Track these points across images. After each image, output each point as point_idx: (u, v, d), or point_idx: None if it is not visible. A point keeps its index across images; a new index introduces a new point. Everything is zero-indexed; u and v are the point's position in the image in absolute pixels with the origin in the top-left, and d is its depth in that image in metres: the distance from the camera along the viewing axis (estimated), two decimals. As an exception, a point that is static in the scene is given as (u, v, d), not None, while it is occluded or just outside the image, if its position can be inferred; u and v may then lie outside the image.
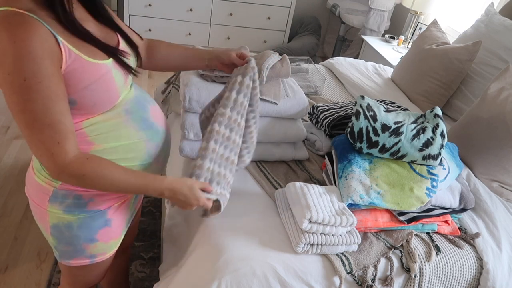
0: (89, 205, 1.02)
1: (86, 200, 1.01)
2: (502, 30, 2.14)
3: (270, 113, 1.51)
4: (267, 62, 1.50)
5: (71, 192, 0.99)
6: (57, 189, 0.99)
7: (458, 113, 2.18)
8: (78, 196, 1.00)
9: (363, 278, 1.20)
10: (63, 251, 1.09)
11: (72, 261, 1.10)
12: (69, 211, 1.01)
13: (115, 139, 0.98)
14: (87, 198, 1.01)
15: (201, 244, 1.21)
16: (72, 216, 1.02)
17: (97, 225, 1.05)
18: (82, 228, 1.04)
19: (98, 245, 1.09)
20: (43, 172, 0.99)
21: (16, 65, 0.76)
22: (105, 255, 1.13)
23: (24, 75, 0.77)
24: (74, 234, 1.04)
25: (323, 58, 4.36)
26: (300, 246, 1.16)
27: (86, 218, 1.03)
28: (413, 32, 3.31)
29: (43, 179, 1.00)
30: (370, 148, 1.35)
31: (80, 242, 1.06)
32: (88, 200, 1.01)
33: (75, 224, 1.03)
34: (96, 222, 1.05)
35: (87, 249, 1.08)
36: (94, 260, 1.11)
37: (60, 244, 1.07)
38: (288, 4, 4.02)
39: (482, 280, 1.31)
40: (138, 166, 1.03)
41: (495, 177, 1.66)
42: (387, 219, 1.32)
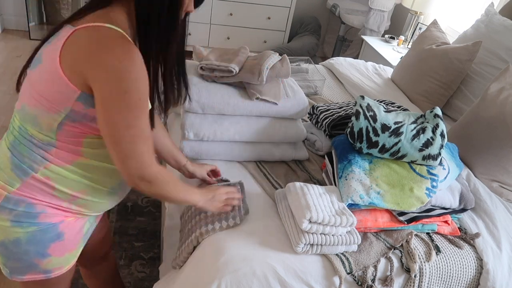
0: (40, 216, 0.98)
1: (38, 210, 0.97)
2: (502, 30, 2.14)
3: (270, 113, 1.51)
4: (267, 62, 1.50)
5: (25, 200, 0.96)
6: (10, 194, 0.95)
7: (458, 113, 2.18)
8: (30, 205, 0.96)
9: (363, 278, 1.20)
10: (13, 267, 1.03)
11: (25, 277, 1.05)
12: (17, 222, 0.97)
13: (101, 159, 1.00)
14: (40, 208, 0.97)
15: (202, 244, 1.21)
16: (19, 229, 0.97)
17: (48, 239, 1.00)
18: (31, 243, 0.99)
19: (52, 259, 1.04)
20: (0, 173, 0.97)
21: (134, 85, 0.85)
22: (62, 269, 1.08)
23: (139, 95, 0.87)
24: (23, 250, 0.99)
25: (323, 58, 4.36)
26: (300, 246, 1.16)
27: (36, 232, 0.98)
28: (413, 32, 3.31)
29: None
30: (370, 148, 1.35)
31: (31, 257, 1.01)
32: (40, 211, 0.97)
33: (23, 239, 0.98)
34: (47, 235, 1.00)
35: (40, 264, 1.03)
36: (49, 275, 1.06)
37: (8, 261, 1.02)
38: (288, 4, 4.02)
39: (482, 280, 1.31)
40: (104, 191, 1.05)
41: (495, 177, 1.66)
42: (387, 219, 1.32)
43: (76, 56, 0.86)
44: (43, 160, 0.95)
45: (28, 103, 0.94)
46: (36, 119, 0.93)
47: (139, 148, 0.90)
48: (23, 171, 0.96)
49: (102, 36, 0.86)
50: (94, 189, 1.02)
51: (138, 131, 0.89)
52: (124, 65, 0.84)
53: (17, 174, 0.96)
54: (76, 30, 0.87)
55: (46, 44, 0.94)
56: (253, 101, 1.48)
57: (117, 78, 0.84)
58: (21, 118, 0.97)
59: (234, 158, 1.54)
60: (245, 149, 1.53)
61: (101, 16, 0.89)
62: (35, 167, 0.96)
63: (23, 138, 0.96)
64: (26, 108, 0.94)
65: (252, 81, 1.48)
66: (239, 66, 1.50)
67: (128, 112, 0.86)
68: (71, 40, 0.87)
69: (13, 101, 2.97)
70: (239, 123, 1.50)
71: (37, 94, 0.92)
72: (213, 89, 1.47)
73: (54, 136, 0.94)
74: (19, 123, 0.97)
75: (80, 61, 0.86)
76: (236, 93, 1.49)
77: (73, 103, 0.90)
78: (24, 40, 3.88)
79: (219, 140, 1.49)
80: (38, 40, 2.01)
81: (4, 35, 3.95)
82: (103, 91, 0.85)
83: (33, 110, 0.93)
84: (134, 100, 0.86)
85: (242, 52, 1.57)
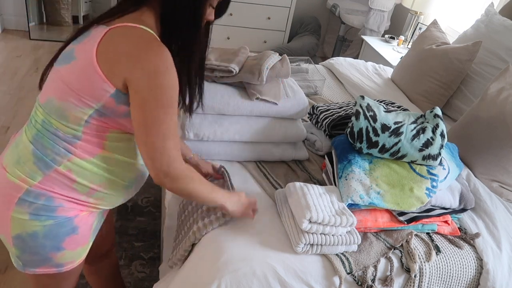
0: (58, 210, 1.00)
1: (56, 204, 0.99)
2: (502, 30, 2.14)
3: (270, 113, 1.52)
4: (267, 62, 1.50)
5: (45, 193, 0.98)
6: (31, 187, 0.97)
7: (458, 113, 2.18)
8: (50, 198, 0.98)
9: (363, 278, 1.20)
10: (28, 260, 1.05)
11: (38, 270, 1.07)
12: (36, 215, 0.98)
13: (123, 153, 1.04)
14: (58, 202, 0.99)
15: (201, 244, 1.21)
16: (37, 222, 0.99)
17: (63, 233, 1.02)
18: (48, 237, 1.01)
19: (66, 253, 1.06)
20: (20, 167, 0.98)
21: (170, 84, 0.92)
22: (74, 263, 1.10)
23: (173, 93, 0.93)
24: (39, 244, 1.01)
25: (323, 58, 4.36)
26: (300, 246, 1.16)
27: (53, 225, 1.00)
28: (413, 32, 3.31)
29: (18, 175, 0.98)
30: (370, 148, 1.35)
31: (47, 251, 1.03)
32: (58, 205, 0.99)
33: (40, 232, 1.00)
34: (63, 229, 1.02)
35: (54, 258, 1.05)
36: (61, 269, 1.08)
37: (24, 254, 1.04)
38: (288, 4, 4.02)
39: (482, 280, 1.31)
40: (122, 184, 1.08)
41: (495, 177, 1.66)
42: (387, 219, 1.32)
43: (115, 55, 0.91)
44: (67, 153, 0.98)
45: (56, 97, 0.97)
46: (63, 112, 0.96)
47: (168, 144, 0.94)
48: (46, 164, 0.98)
49: (139, 37, 0.91)
50: (112, 182, 1.05)
51: (169, 127, 0.93)
52: (160, 64, 0.90)
53: (39, 167, 0.98)
54: (111, 29, 0.92)
55: (75, 43, 0.97)
56: (253, 101, 1.48)
57: (155, 77, 0.89)
58: (46, 111, 0.99)
59: (234, 158, 1.54)
60: (245, 149, 1.53)
61: (134, 18, 0.94)
62: (58, 160, 0.98)
63: (46, 131, 0.98)
64: (54, 102, 0.97)
65: (252, 81, 1.48)
66: (239, 66, 1.50)
67: (162, 108, 0.91)
68: (107, 38, 0.91)
69: (13, 101, 2.97)
70: (239, 123, 1.50)
71: (68, 88, 0.95)
72: (213, 89, 1.47)
73: (80, 129, 0.97)
74: (42, 116, 1.00)
75: (119, 61, 0.90)
76: (236, 93, 1.49)
77: (106, 99, 0.93)
78: (24, 40, 3.88)
79: (219, 140, 1.49)
80: (38, 40, 2.03)
81: (4, 35, 3.96)
82: (141, 88, 0.90)
83: (62, 103, 0.96)
84: (168, 98, 0.92)
85: (242, 52, 1.57)
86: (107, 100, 0.93)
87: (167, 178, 0.97)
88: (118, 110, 0.96)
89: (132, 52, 0.90)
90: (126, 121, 0.99)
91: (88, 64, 0.92)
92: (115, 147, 1.02)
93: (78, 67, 0.94)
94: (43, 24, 4.10)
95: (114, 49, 0.91)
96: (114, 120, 0.98)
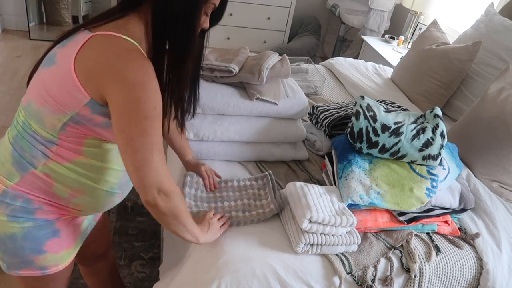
0: (37, 212, 0.98)
1: (35, 206, 0.98)
2: (502, 30, 2.14)
3: (270, 113, 1.52)
4: (266, 62, 1.50)
5: (22, 195, 0.96)
6: (8, 188, 0.96)
7: (458, 113, 2.18)
8: (28, 200, 0.97)
9: (363, 278, 1.20)
10: (10, 262, 1.04)
11: (21, 272, 1.05)
12: (13, 217, 0.97)
13: (102, 159, 1.00)
14: (37, 204, 0.98)
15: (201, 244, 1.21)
16: (15, 224, 0.97)
17: (43, 236, 1.01)
18: (26, 239, 0.99)
19: (48, 256, 1.04)
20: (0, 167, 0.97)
21: (149, 97, 0.87)
22: (58, 266, 1.08)
23: (155, 104, 0.88)
24: (18, 246, 1.00)
25: (323, 58, 4.36)
26: (300, 246, 1.16)
27: (31, 228, 0.99)
28: (413, 32, 3.31)
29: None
30: (370, 149, 1.35)
31: (26, 253, 1.01)
32: (37, 207, 0.98)
33: (18, 234, 0.98)
34: (42, 232, 1.00)
35: (36, 261, 1.03)
36: (45, 272, 1.06)
37: (5, 255, 1.03)
38: (288, 4, 4.02)
39: (482, 280, 1.31)
40: (103, 191, 1.05)
41: (495, 177, 1.66)
42: (387, 219, 1.32)
43: (92, 64, 0.88)
44: (44, 156, 0.96)
45: (35, 101, 0.95)
46: (40, 117, 0.94)
47: (153, 157, 0.88)
48: (23, 166, 0.96)
49: (119, 48, 0.88)
50: (92, 189, 1.02)
51: (153, 139, 0.89)
52: (139, 77, 0.86)
53: (16, 169, 0.96)
54: (93, 36, 0.89)
55: (60, 46, 0.95)
56: (253, 101, 1.48)
57: (133, 89, 0.86)
58: (26, 113, 0.98)
59: (234, 158, 1.54)
60: (245, 149, 1.53)
61: (118, 27, 0.91)
62: (35, 162, 0.96)
63: (25, 133, 0.97)
64: (32, 105, 0.95)
65: (252, 81, 1.48)
66: (239, 66, 1.50)
67: (144, 120, 0.87)
68: (87, 45, 0.89)
69: (13, 101, 2.97)
70: (239, 123, 1.50)
71: (46, 93, 0.93)
72: (213, 89, 1.47)
73: (56, 135, 0.95)
74: (23, 118, 0.98)
75: (96, 71, 0.87)
76: (236, 93, 1.49)
77: (81, 107, 0.91)
78: (24, 40, 3.88)
79: (219, 140, 1.49)
80: (38, 40, 2.01)
81: (4, 35, 3.95)
82: (119, 102, 0.87)
83: (39, 108, 0.94)
84: (149, 109, 0.87)
85: (242, 52, 1.57)
86: (81, 108, 0.91)
87: (159, 196, 0.91)
88: (93, 119, 0.93)
89: (110, 63, 0.86)
90: (104, 131, 0.96)
91: (66, 71, 0.89)
92: (94, 153, 0.99)
93: (56, 73, 0.92)
94: (43, 24, 4.10)
95: (92, 58, 0.88)
96: (90, 128, 0.94)
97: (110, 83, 0.86)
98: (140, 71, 0.87)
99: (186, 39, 0.95)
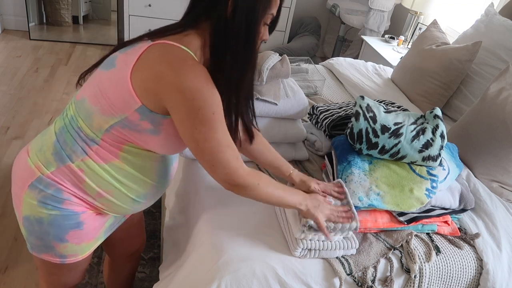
0: (65, 203, 1.03)
1: (64, 197, 1.02)
2: (502, 31, 2.14)
3: (270, 113, 1.51)
4: (267, 63, 1.50)
5: (55, 184, 1.01)
6: (43, 175, 1.01)
7: (458, 113, 2.18)
8: (59, 190, 1.02)
9: (363, 279, 1.20)
10: (34, 244, 1.09)
11: (42, 255, 1.11)
12: (43, 203, 1.02)
13: (136, 168, 1.05)
14: (66, 195, 1.02)
15: (201, 244, 1.21)
16: (44, 210, 1.02)
17: (67, 226, 1.05)
18: (52, 226, 1.04)
19: (68, 246, 1.08)
20: (40, 155, 1.02)
21: (207, 102, 0.91)
22: (77, 257, 1.12)
23: (213, 109, 0.93)
24: (44, 230, 1.05)
25: (323, 59, 4.36)
26: (298, 251, 1.16)
27: (58, 216, 1.03)
28: (413, 32, 3.31)
29: (35, 162, 1.02)
30: (370, 149, 1.35)
31: (50, 239, 1.06)
32: (66, 198, 1.03)
33: (45, 220, 1.04)
34: (67, 222, 1.05)
35: (56, 248, 1.08)
36: (64, 260, 1.11)
37: (30, 236, 1.08)
38: (288, 4, 4.02)
39: (482, 281, 1.31)
40: (129, 197, 1.09)
41: (495, 177, 1.66)
42: (387, 220, 1.32)
43: (147, 73, 0.92)
44: (83, 153, 1.00)
45: (88, 98, 0.99)
46: (90, 115, 0.99)
47: (220, 156, 0.96)
48: (61, 157, 1.01)
49: (173, 56, 0.92)
50: (120, 193, 1.06)
51: (216, 142, 0.95)
52: (195, 85, 0.90)
53: (55, 159, 1.01)
54: (153, 45, 0.93)
55: (122, 51, 0.99)
56: (253, 102, 1.48)
57: (190, 98, 0.90)
58: (76, 109, 1.02)
59: (234, 159, 1.53)
60: (245, 150, 1.53)
61: (176, 38, 0.95)
62: (73, 157, 1.00)
63: (71, 127, 1.01)
64: (85, 102, 1.00)
65: (252, 82, 1.48)
66: None
67: (203, 127, 0.93)
68: (146, 53, 0.93)
69: (13, 101, 2.97)
70: (239, 123, 1.50)
71: (100, 94, 0.97)
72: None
73: (100, 135, 0.99)
74: (72, 112, 1.03)
75: (150, 80, 0.91)
76: (236, 94, 1.49)
77: (131, 112, 0.95)
78: (24, 40, 3.88)
79: (219, 140, 1.49)
80: (38, 40, 2.00)
81: (4, 35, 3.95)
82: (178, 111, 0.92)
83: (91, 106, 0.98)
84: (208, 116, 0.92)
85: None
86: (131, 113, 0.95)
87: (234, 188, 1.01)
88: (140, 125, 0.97)
89: (164, 75, 0.90)
90: (148, 138, 0.99)
91: (123, 75, 0.94)
92: (130, 160, 1.03)
93: (114, 76, 0.96)
94: (43, 24, 4.10)
95: (147, 67, 0.92)
96: (135, 134, 0.99)
97: (166, 92, 0.91)
98: (194, 78, 0.90)
99: (247, 53, 0.98)
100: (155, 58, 0.92)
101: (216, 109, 0.93)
